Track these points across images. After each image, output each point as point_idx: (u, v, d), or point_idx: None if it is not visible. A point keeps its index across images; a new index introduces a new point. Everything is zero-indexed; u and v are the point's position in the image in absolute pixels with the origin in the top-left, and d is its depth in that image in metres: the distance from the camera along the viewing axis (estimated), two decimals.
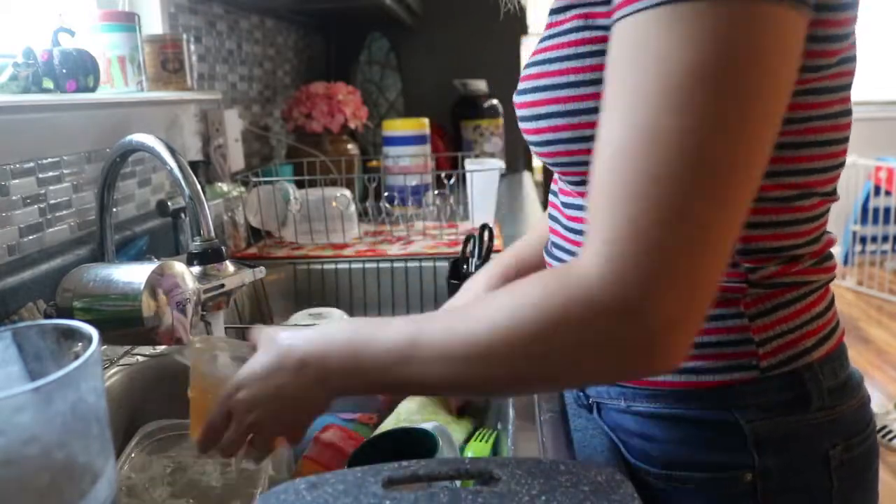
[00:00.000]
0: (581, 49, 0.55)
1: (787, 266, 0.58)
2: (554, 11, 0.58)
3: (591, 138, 0.54)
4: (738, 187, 0.44)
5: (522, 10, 2.58)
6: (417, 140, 1.84)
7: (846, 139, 0.58)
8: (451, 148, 2.31)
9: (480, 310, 0.50)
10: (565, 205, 0.67)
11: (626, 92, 0.45)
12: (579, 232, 0.64)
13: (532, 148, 0.63)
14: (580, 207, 0.64)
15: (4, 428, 0.40)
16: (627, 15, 0.46)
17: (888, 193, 4.32)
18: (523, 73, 0.63)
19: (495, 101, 2.35)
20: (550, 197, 0.71)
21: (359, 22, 2.48)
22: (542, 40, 0.60)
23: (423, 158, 1.81)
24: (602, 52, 0.52)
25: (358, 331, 0.56)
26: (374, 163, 2.03)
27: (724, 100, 0.43)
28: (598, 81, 0.52)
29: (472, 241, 1.15)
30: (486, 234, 1.15)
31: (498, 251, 1.40)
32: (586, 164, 0.56)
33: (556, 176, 0.70)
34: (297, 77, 2.27)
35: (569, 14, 0.56)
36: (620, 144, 0.45)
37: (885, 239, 4.46)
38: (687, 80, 0.43)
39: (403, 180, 1.73)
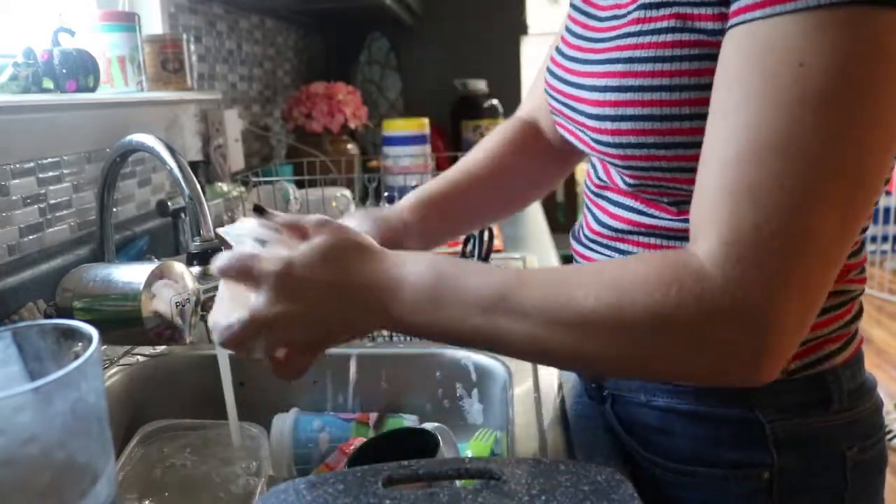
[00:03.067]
0: (678, 52, 0.52)
1: (838, 277, 0.58)
2: (644, 7, 0.54)
3: (678, 145, 0.53)
4: (864, 198, 0.45)
5: (522, 9, 2.58)
6: (417, 140, 1.84)
7: None
8: (451, 148, 2.31)
9: (586, 280, 0.48)
10: (611, 201, 0.65)
11: (755, 96, 0.44)
12: (619, 230, 0.63)
13: (598, 147, 0.59)
14: (630, 209, 0.62)
15: (4, 428, 0.40)
16: (757, 19, 0.44)
17: (888, 193, 4.32)
18: (594, 66, 0.59)
19: (495, 101, 2.35)
20: (587, 188, 0.69)
21: (359, 22, 2.49)
22: (625, 35, 0.56)
23: (423, 158, 1.80)
24: (700, 57, 0.50)
25: (443, 269, 0.52)
26: (374, 163, 2.03)
27: (860, 112, 0.43)
28: (694, 87, 0.51)
29: (471, 240, 1.15)
30: (485, 234, 1.15)
31: (498, 251, 1.40)
32: (665, 169, 0.55)
33: (595, 171, 0.67)
34: (297, 77, 2.27)
35: (662, 12, 0.53)
36: (747, 147, 0.44)
37: (885, 239, 4.46)
38: (824, 90, 0.42)
39: (403, 180, 1.73)
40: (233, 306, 0.53)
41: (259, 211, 0.56)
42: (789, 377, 0.59)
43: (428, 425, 0.75)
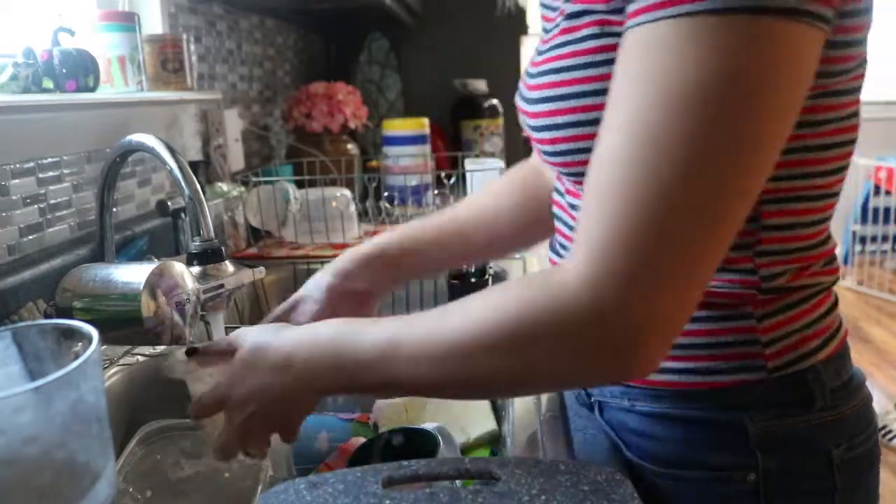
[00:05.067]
0: (599, 57, 0.53)
1: (800, 273, 0.58)
2: (569, 16, 0.55)
3: None
4: (729, 204, 0.44)
5: (522, 11, 2.58)
6: (417, 140, 1.84)
7: (856, 140, 0.58)
8: (451, 148, 2.31)
9: (461, 312, 0.50)
10: (572, 206, 0.66)
11: (628, 101, 0.45)
12: None
13: (545, 157, 0.61)
14: None
15: (4, 428, 0.40)
16: (639, 24, 0.45)
17: (888, 193, 4.32)
18: (533, 80, 0.60)
19: (495, 101, 2.35)
20: (555, 196, 0.70)
21: (359, 22, 2.48)
22: (555, 47, 0.57)
23: (423, 158, 1.81)
24: None
25: (341, 329, 0.56)
26: (374, 163, 2.03)
27: (725, 118, 0.43)
28: None
29: None
30: None
31: None
32: None
33: (562, 177, 0.69)
34: (297, 77, 2.27)
35: (584, 20, 0.54)
36: (617, 152, 0.45)
37: (885, 239, 4.46)
38: (690, 96, 0.43)
39: (403, 180, 1.73)
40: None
41: (191, 353, 0.64)
42: (770, 376, 0.59)
43: (428, 425, 0.75)
